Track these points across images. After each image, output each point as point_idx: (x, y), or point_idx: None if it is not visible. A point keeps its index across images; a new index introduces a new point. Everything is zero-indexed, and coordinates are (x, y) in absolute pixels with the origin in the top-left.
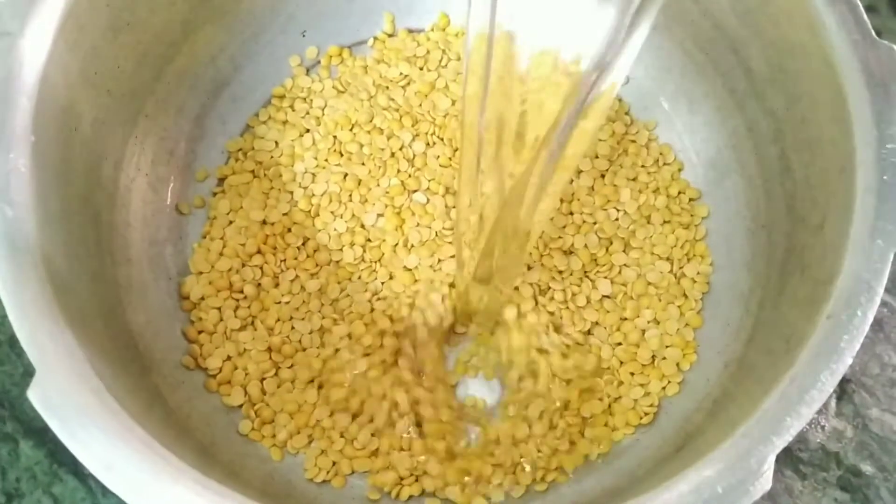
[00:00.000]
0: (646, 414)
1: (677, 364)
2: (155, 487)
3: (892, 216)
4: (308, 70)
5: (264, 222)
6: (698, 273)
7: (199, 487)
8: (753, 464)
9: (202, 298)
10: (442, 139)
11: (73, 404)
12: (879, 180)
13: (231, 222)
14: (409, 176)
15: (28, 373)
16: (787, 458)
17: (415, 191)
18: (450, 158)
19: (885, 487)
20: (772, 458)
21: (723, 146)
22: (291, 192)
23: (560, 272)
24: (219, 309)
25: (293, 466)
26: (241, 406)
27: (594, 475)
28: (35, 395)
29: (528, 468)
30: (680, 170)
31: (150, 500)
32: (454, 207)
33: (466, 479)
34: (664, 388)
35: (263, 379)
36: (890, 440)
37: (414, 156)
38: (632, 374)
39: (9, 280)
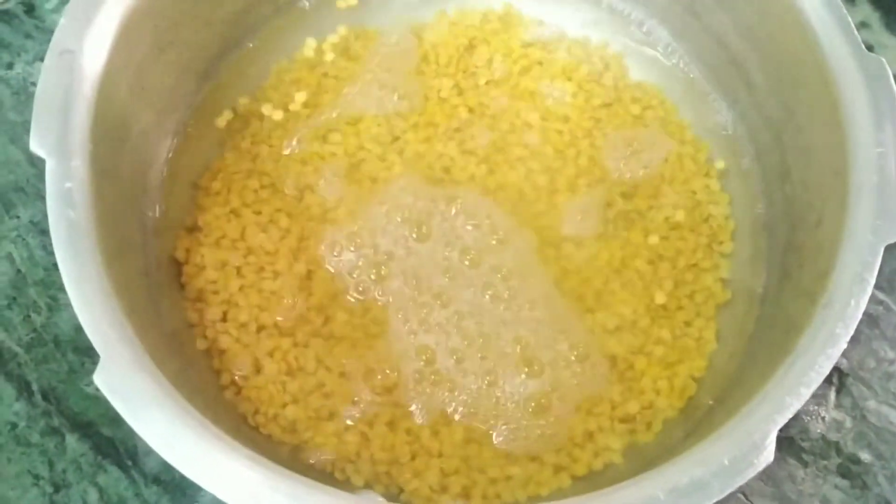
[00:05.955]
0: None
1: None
2: (211, 462)
3: (882, 214)
4: None
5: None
6: None
7: (250, 462)
8: (757, 439)
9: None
10: None
11: (135, 388)
12: (870, 181)
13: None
14: None
15: (72, 370)
16: (790, 448)
17: None
18: None
19: (883, 474)
20: (773, 434)
21: (727, 155)
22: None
23: None
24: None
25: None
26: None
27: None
28: (100, 380)
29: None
30: None
31: (208, 473)
32: None
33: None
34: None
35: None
36: (887, 430)
37: None
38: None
39: (73, 276)
